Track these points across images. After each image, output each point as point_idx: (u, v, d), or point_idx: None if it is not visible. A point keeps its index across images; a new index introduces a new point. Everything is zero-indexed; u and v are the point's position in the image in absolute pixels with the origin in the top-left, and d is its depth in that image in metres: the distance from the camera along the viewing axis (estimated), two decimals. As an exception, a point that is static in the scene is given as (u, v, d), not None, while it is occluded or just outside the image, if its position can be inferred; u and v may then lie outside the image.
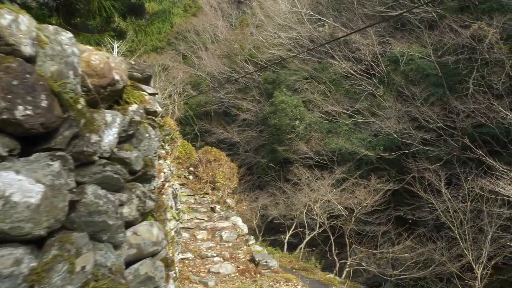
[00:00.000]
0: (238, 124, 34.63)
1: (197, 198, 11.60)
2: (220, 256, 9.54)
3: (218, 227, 10.48)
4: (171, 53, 46.77)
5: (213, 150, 12.33)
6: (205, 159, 12.02)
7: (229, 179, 11.93)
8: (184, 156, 13.20)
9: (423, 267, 16.14)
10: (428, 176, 15.04)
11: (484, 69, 16.87)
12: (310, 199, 20.31)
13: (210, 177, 11.93)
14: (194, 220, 10.57)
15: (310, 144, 24.80)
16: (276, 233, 24.10)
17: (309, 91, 27.85)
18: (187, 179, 12.53)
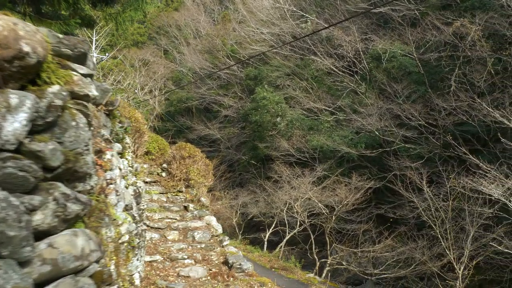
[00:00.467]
0: (220, 120, 34.06)
1: (169, 196, 11.00)
2: (191, 258, 8.97)
3: (190, 227, 9.89)
4: (152, 48, 45.87)
5: (188, 146, 11.72)
6: (179, 155, 11.42)
7: (204, 176, 11.35)
8: (157, 152, 12.57)
9: (403, 266, 15.80)
10: (410, 174, 14.66)
11: (466, 67, 16.58)
12: (291, 197, 19.87)
13: (184, 174, 11.33)
14: (165, 219, 9.97)
15: (292, 141, 24.34)
16: (257, 231, 23.62)
17: (291, 87, 27.39)
18: (160, 176, 11.91)
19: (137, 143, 8.42)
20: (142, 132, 8.47)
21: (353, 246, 17.88)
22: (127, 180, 6.14)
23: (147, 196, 10.82)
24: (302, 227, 19.90)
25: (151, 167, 12.35)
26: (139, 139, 8.46)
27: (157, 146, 12.63)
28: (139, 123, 8.45)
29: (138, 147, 8.47)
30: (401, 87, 20.21)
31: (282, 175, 21.85)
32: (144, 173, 12.01)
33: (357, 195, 17.22)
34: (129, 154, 6.43)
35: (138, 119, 8.46)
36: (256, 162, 28.63)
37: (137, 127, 8.35)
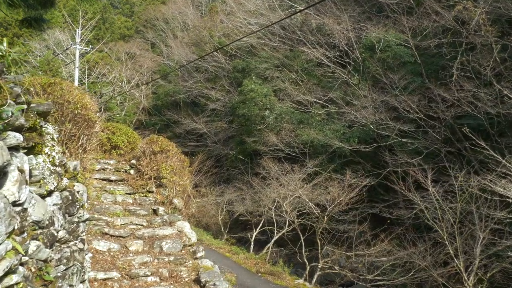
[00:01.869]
0: (207, 114, 32.22)
1: (137, 198, 9.14)
2: (156, 275, 7.13)
3: (158, 236, 8.04)
4: (139, 42, 43.87)
5: (160, 140, 9.84)
6: (149, 150, 9.56)
7: (179, 174, 9.50)
8: (126, 147, 10.66)
9: (401, 272, 14.08)
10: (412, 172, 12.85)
11: (469, 54, 14.77)
12: (279, 195, 18.09)
13: (154, 172, 9.46)
14: (129, 225, 8.12)
15: (281, 136, 22.55)
16: (243, 230, 21.86)
17: (280, 79, 25.54)
18: (127, 174, 10.03)
19: (86, 134, 6.56)
20: (91, 121, 6.61)
21: (346, 249, 16.13)
22: (44, 186, 4.27)
23: (110, 197, 8.94)
24: (291, 227, 18.12)
25: (119, 163, 10.45)
26: (87, 129, 6.59)
27: (127, 139, 10.72)
28: (87, 110, 6.58)
29: (87, 140, 6.60)
30: (397, 78, 18.41)
31: (270, 171, 20.09)
32: (110, 170, 10.10)
33: (351, 193, 15.41)
34: (52, 148, 4.55)
35: (87, 105, 6.58)
36: (244, 158, 26.84)
37: (85, 114, 6.49)
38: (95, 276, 6.82)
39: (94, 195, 8.64)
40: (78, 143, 6.44)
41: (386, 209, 17.09)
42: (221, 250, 18.12)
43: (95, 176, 9.48)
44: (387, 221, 15.36)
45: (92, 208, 8.31)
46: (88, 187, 8.42)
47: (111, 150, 10.53)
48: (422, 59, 18.90)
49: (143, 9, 51.00)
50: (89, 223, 7.73)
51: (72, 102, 6.34)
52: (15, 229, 3.21)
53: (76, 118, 6.39)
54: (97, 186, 9.12)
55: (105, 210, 8.37)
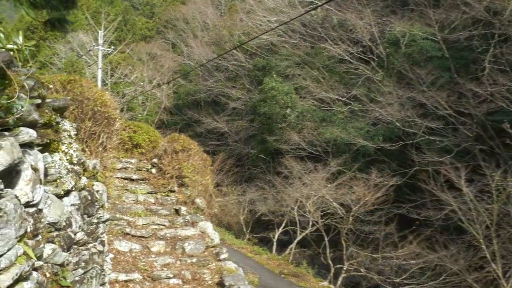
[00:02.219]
0: (228, 113, 31.91)
1: (159, 197, 8.87)
2: (178, 277, 6.83)
3: (180, 236, 7.75)
4: (160, 42, 43.90)
5: (181, 138, 9.56)
6: (171, 148, 9.29)
7: (201, 173, 9.21)
8: (148, 145, 10.41)
9: (431, 276, 13.52)
10: (444, 171, 12.25)
11: (503, 46, 14.07)
12: (302, 195, 17.65)
13: (176, 171, 9.17)
14: (151, 226, 7.85)
15: (303, 134, 22.08)
16: (265, 230, 21.48)
17: (301, 77, 25.06)
18: (149, 173, 9.78)
19: (106, 132, 6.29)
20: (111, 119, 6.34)
21: (372, 251, 15.60)
22: (60, 185, 3.99)
23: (131, 196, 8.69)
24: (314, 228, 17.67)
25: (140, 162, 10.20)
26: (108, 127, 6.32)
27: (148, 138, 10.47)
28: (107, 107, 6.31)
29: (107, 138, 6.34)
30: (424, 73, 17.77)
31: (293, 170, 19.66)
32: (132, 169, 9.86)
33: (378, 193, 14.87)
34: (70, 146, 4.27)
35: (106, 102, 6.31)
36: (265, 156, 26.46)
37: (105, 112, 6.21)
38: (117, 278, 6.55)
39: (116, 195, 8.40)
40: (98, 141, 6.18)
41: (413, 210, 16.53)
42: (243, 250, 17.78)
43: (116, 175, 9.25)
44: (415, 222, 14.75)
45: (114, 207, 8.06)
46: (109, 187, 8.18)
47: (132, 148, 10.30)
48: (450, 53, 18.20)
49: (163, 10, 51.05)
50: (111, 223, 7.48)
51: (92, 99, 6.08)
52: (28, 232, 2.92)
53: (96, 115, 6.13)
54: (119, 185, 8.89)
55: (127, 209, 8.12)
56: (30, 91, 3.33)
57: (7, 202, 2.55)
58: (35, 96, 3.41)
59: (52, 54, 39.22)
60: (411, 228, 14.68)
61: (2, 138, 2.76)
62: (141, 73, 36.06)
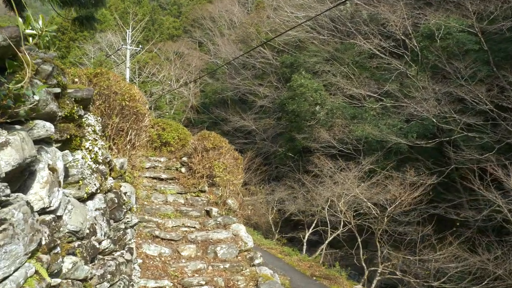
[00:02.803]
0: (255, 111, 31.40)
1: (189, 198, 8.38)
2: (211, 285, 6.31)
3: (212, 240, 7.23)
4: (187, 41, 43.71)
5: (212, 136, 9.04)
6: (201, 146, 8.79)
7: (232, 173, 8.68)
8: (177, 143, 9.95)
9: (472, 280, 12.67)
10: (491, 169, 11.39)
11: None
12: (334, 194, 16.95)
13: (207, 170, 8.68)
14: (181, 228, 7.35)
15: (333, 132, 21.34)
16: (294, 230, 20.89)
17: (331, 73, 24.28)
18: (179, 173, 9.31)
19: (134, 129, 5.81)
20: (140, 114, 5.84)
21: (409, 253, 14.79)
22: (83, 187, 3.50)
23: (160, 197, 8.23)
24: (346, 228, 16.97)
25: (169, 161, 9.75)
26: (136, 123, 5.84)
27: (177, 136, 10.02)
28: (136, 102, 5.81)
29: (136, 135, 5.86)
30: (462, 67, 16.81)
31: (323, 168, 18.96)
32: (161, 168, 9.41)
33: (415, 193, 14.07)
34: (94, 143, 3.78)
35: (135, 96, 5.81)
36: (294, 155, 25.83)
37: (134, 107, 5.72)
38: (146, 285, 6.09)
39: (144, 195, 7.95)
40: (126, 139, 5.72)
41: (451, 210, 15.67)
42: (272, 251, 17.21)
43: (145, 175, 8.82)
44: (455, 223, 13.90)
45: (142, 208, 7.61)
46: (137, 187, 7.74)
47: (161, 147, 9.86)
48: (489, 46, 17.18)
49: (190, 9, 50.91)
50: (139, 225, 7.02)
51: (119, 93, 5.62)
52: (42, 245, 2.41)
53: (124, 110, 5.66)
54: (147, 185, 8.45)
55: (156, 211, 7.67)
56: (47, 78, 2.84)
57: (14, 211, 2.05)
58: (53, 84, 2.93)
59: (82, 54, 39.44)
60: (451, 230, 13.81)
61: (11, 132, 2.26)
62: (168, 72, 35.88)
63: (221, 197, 8.40)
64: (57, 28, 24.79)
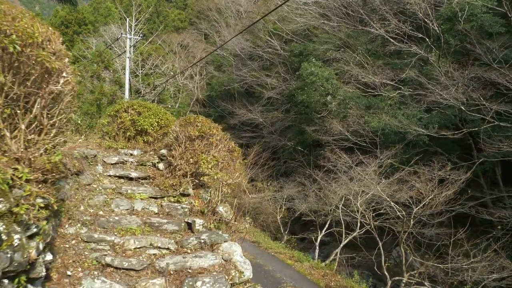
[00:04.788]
0: (262, 104, 29.01)
1: (164, 204, 5.89)
2: None
3: (191, 269, 4.69)
4: (192, 33, 41.24)
5: (199, 120, 6.55)
6: (185, 135, 6.33)
7: (226, 169, 6.21)
8: (156, 132, 7.48)
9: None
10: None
11: None
12: (350, 191, 14.43)
13: (191, 166, 6.20)
14: (147, 250, 4.87)
15: (346, 123, 18.77)
16: (305, 230, 18.44)
17: (343, 61, 21.64)
18: (155, 170, 6.85)
19: (41, 97, 3.27)
20: (51, 70, 3.25)
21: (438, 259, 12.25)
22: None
23: (124, 204, 5.75)
24: (363, 230, 14.46)
25: (145, 155, 7.29)
26: (43, 87, 3.30)
27: (157, 121, 7.56)
28: (41, 47, 3.24)
29: (45, 108, 3.30)
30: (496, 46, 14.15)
31: (337, 163, 16.42)
32: (132, 164, 6.91)
33: (448, 190, 11.47)
34: None
35: (37, 38, 3.19)
36: (303, 149, 23.38)
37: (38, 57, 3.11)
38: None
39: (101, 201, 5.48)
40: (26, 115, 3.25)
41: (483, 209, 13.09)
42: (281, 256, 14.70)
43: (108, 172, 6.33)
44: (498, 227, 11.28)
45: (95, 221, 5.14)
46: (92, 190, 5.28)
47: (136, 136, 7.39)
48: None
49: (196, 0, 48.36)
50: (86, 247, 4.56)
51: (11, 32, 3.10)
52: None
53: (21, 63, 3.17)
54: (109, 187, 6.00)
55: (114, 224, 5.22)
56: None
57: None
58: None
59: (86, 48, 37.16)
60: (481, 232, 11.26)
61: None
62: (173, 64, 33.44)
63: (209, 203, 5.93)
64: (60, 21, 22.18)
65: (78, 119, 8.62)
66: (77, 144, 6.77)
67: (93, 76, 27.17)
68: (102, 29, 39.30)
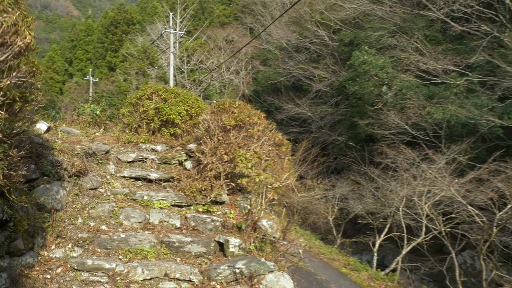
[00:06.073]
0: (310, 97, 27.14)
1: (190, 216, 4.35)
2: None
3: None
4: (237, 28, 39.99)
5: (235, 105, 4.96)
6: (217, 124, 4.79)
7: (272, 169, 4.59)
8: (185, 123, 5.98)
9: None
10: None
11: None
12: (413, 191, 12.43)
13: (226, 164, 4.64)
14: (160, 284, 3.41)
15: (406, 115, 16.67)
16: (358, 233, 16.53)
17: (399, 47, 19.40)
18: (182, 169, 5.35)
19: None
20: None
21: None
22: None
23: (136, 215, 4.24)
24: (429, 235, 12.41)
25: (171, 150, 5.80)
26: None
27: (186, 110, 6.05)
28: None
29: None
30: None
31: (396, 159, 14.43)
32: (153, 161, 5.44)
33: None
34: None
35: None
36: (355, 144, 21.37)
37: None
38: None
39: (107, 211, 4.03)
40: None
41: None
42: (335, 263, 12.88)
43: (122, 173, 4.89)
44: None
45: (94, 240, 3.67)
46: (95, 198, 3.82)
47: (161, 128, 5.92)
48: None
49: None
50: (75, 277, 3.09)
51: None
52: None
53: None
54: (121, 191, 4.56)
55: (120, 243, 3.79)
56: None
57: None
58: None
59: (134, 47, 36.85)
60: None
61: None
62: (218, 59, 32.30)
63: (249, 214, 4.34)
64: (110, 22, 21.32)
65: (97, 110, 7.39)
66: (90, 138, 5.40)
67: (138, 72, 26.42)
68: (149, 28, 38.93)
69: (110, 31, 42.14)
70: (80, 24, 58.50)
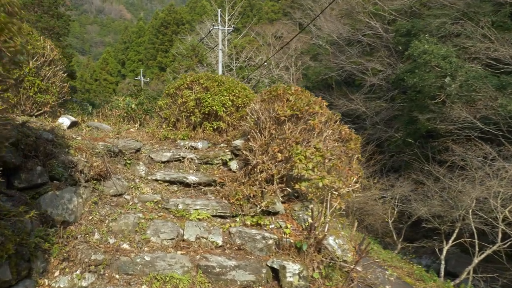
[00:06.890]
0: (364, 92, 25.49)
1: (235, 230, 3.40)
2: None
3: None
4: (286, 23, 38.82)
5: (290, 91, 3.89)
6: (269, 115, 3.77)
7: (337, 169, 3.53)
8: (230, 116, 4.99)
9: None
10: None
11: None
12: (488, 193, 10.83)
13: (280, 165, 3.61)
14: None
15: (474, 108, 14.88)
16: (420, 236, 14.96)
17: (464, 34, 17.48)
18: (226, 170, 4.37)
19: None
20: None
21: None
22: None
23: (168, 229, 3.31)
24: (508, 241, 10.75)
25: (213, 148, 4.85)
26: None
27: (231, 100, 5.06)
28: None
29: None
30: None
31: (465, 156, 12.79)
32: (192, 161, 4.50)
33: None
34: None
35: None
36: (414, 140, 19.69)
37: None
38: None
39: (131, 224, 3.12)
40: None
41: None
42: (397, 271, 11.37)
43: (154, 176, 3.98)
44: None
45: (112, 263, 2.74)
46: (126, 206, 2.87)
47: (202, 122, 4.97)
48: None
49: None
50: None
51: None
52: None
53: None
54: (151, 198, 3.64)
55: (144, 268, 2.86)
56: None
57: None
58: None
59: (183, 46, 36.72)
60: None
61: None
62: (267, 55, 31.31)
63: (311, 229, 3.27)
64: (160, 23, 20.83)
65: (132, 103, 6.60)
66: (121, 134, 4.55)
67: (188, 70, 25.95)
68: (198, 27, 38.70)
69: (161, 32, 42.46)
70: (132, 27, 59.61)
